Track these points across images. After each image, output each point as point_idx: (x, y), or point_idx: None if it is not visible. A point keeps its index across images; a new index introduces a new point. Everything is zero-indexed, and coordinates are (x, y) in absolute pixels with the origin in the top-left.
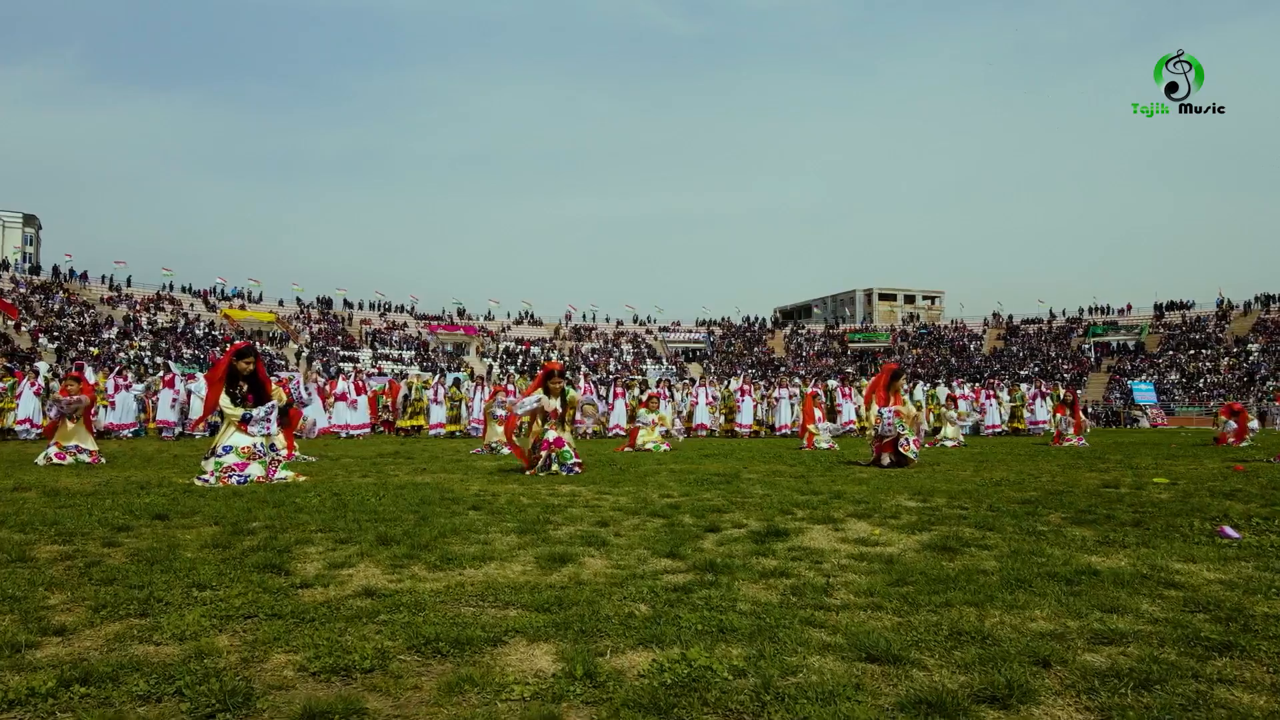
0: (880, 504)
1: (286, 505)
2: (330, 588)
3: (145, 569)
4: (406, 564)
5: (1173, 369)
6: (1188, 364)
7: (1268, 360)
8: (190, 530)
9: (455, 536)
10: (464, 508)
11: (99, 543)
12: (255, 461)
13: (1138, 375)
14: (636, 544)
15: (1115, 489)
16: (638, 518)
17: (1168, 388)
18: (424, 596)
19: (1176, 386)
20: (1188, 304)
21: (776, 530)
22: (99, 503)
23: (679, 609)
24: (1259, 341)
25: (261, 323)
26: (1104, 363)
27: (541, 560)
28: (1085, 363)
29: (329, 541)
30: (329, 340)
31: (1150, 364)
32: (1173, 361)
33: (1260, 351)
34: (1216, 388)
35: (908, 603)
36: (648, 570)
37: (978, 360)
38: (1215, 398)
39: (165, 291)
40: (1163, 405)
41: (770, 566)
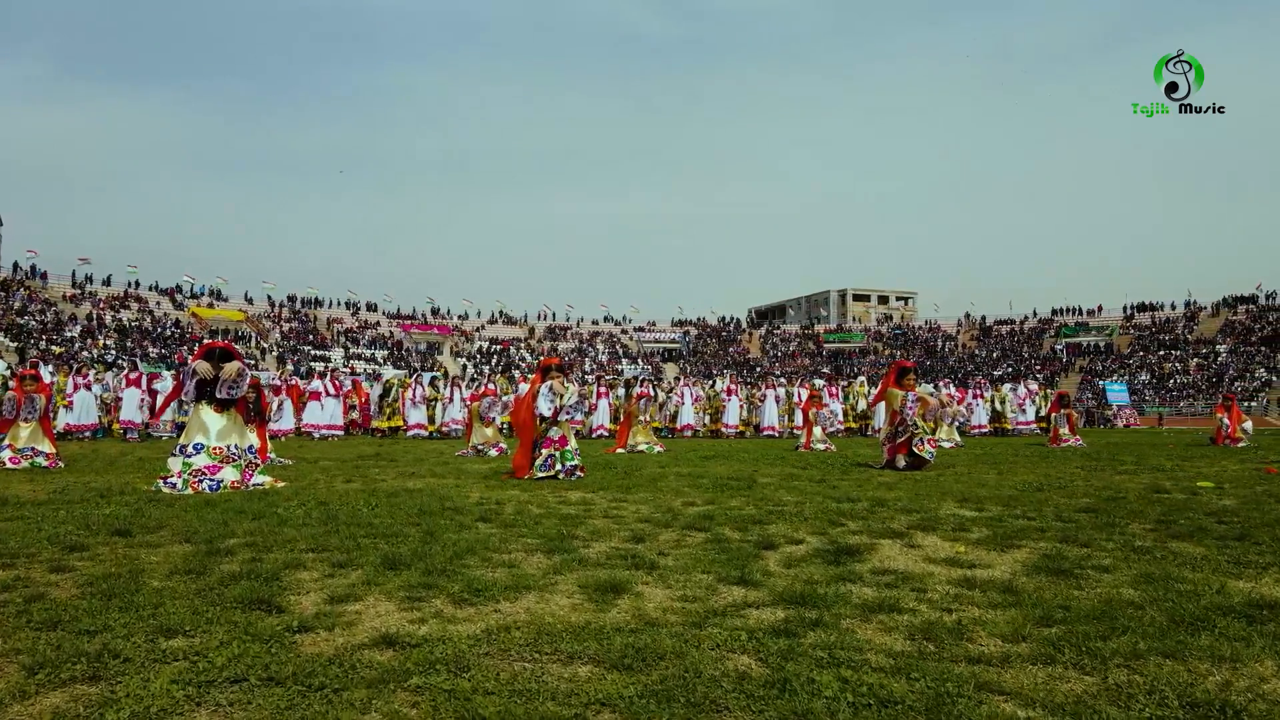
0: (933, 513)
1: (268, 517)
2: (337, 632)
3: (100, 605)
4: (425, 596)
5: (1143, 369)
6: (1158, 365)
7: (1235, 361)
8: (156, 550)
9: (472, 557)
10: (470, 519)
11: (45, 567)
12: (229, 465)
13: (1109, 376)
14: (690, 566)
15: (1167, 494)
16: (672, 531)
17: (1138, 388)
18: (461, 647)
19: (1147, 387)
20: (1157, 305)
21: (845, 548)
22: (51, 514)
23: (799, 663)
24: (1227, 343)
25: (231, 321)
26: (1076, 363)
27: (589, 590)
28: (1057, 363)
29: (324, 565)
30: (300, 339)
31: (1121, 364)
32: (1143, 362)
33: (1228, 352)
34: (1186, 388)
35: (1082, 651)
36: (723, 603)
37: (952, 361)
38: (1185, 398)
39: (131, 289)
40: (1134, 405)
41: (869, 598)
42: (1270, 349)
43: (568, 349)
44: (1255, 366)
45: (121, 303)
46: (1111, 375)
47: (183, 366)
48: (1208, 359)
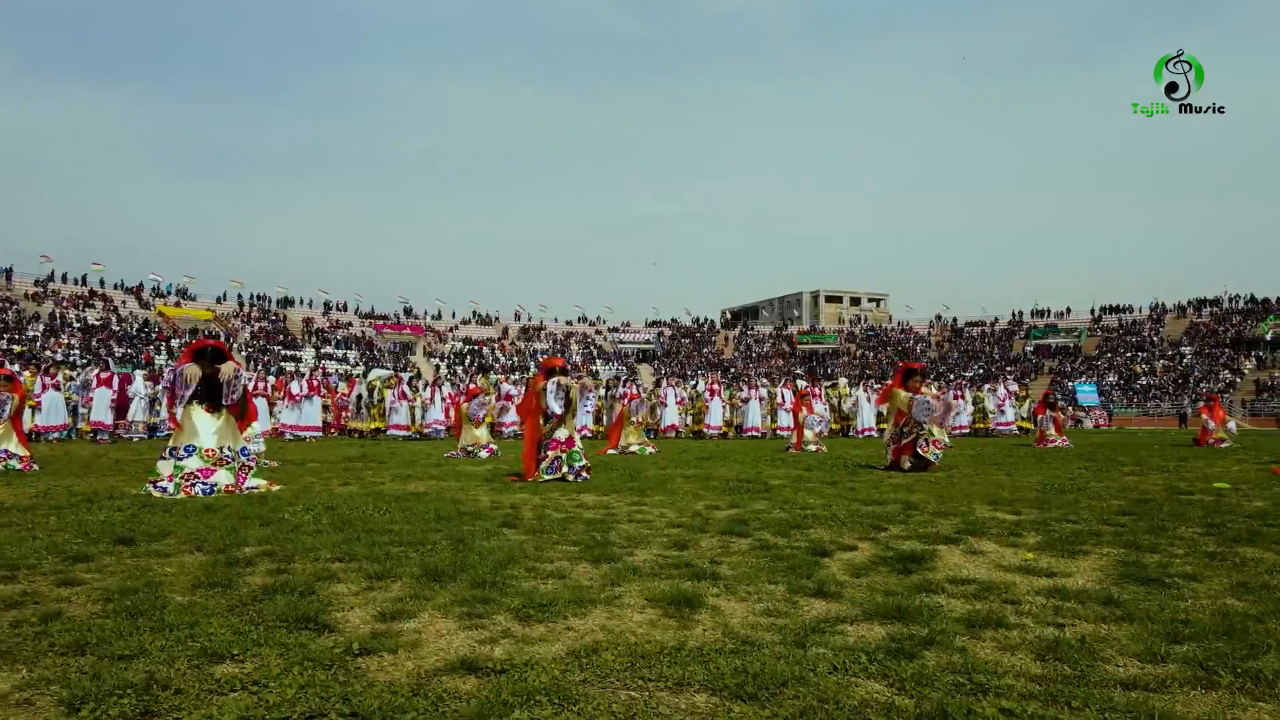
0: (969, 516)
1: (277, 524)
2: (402, 656)
3: (128, 625)
4: (484, 611)
5: (1111, 371)
6: (1125, 366)
7: (1200, 363)
8: (166, 560)
9: (515, 566)
10: (492, 524)
11: (51, 580)
12: (223, 468)
13: (1078, 377)
14: (752, 575)
15: (1190, 495)
16: (709, 536)
17: (1106, 389)
18: (553, 673)
19: (1115, 388)
20: (1124, 308)
21: (907, 555)
22: (42, 521)
23: (940, 691)
24: (1192, 345)
25: (199, 320)
26: (1045, 365)
27: (658, 603)
28: (1027, 365)
29: (358, 576)
30: (270, 339)
31: (1089, 366)
32: (1110, 364)
33: (1193, 354)
34: (1153, 389)
35: (1238, 673)
36: (810, 618)
37: (924, 362)
38: (1151, 399)
39: (96, 288)
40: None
41: (964, 611)
42: (1233, 351)
43: (542, 349)
44: (1219, 368)
45: (86, 301)
46: (1080, 377)
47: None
48: (1173, 361)
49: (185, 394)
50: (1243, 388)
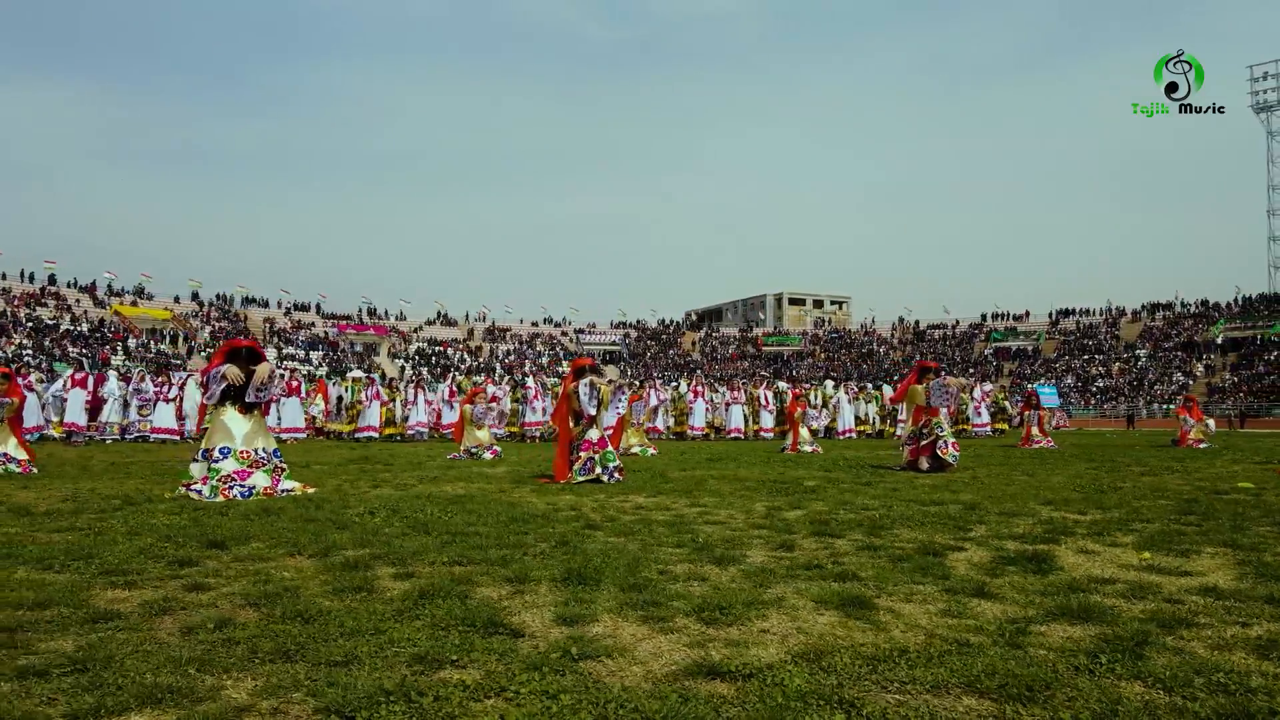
0: (1038, 516)
1: (353, 526)
2: (620, 660)
3: (312, 631)
4: (661, 614)
5: (1069, 373)
6: (1083, 368)
7: (1155, 365)
8: (270, 563)
9: (646, 568)
10: (575, 526)
11: (179, 585)
12: (259, 470)
13: (1037, 379)
14: (888, 576)
15: (1227, 494)
16: (804, 538)
17: (1064, 391)
18: (804, 677)
19: (1073, 390)
20: (1081, 311)
21: (1028, 556)
22: (99, 525)
23: (1197, 690)
24: (1147, 347)
25: (157, 320)
26: (1005, 367)
27: (828, 605)
28: (988, 367)
29: (496, 581)
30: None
31: (1048, 368)
32: (1069, 366)
33: (1148, 357)
34: (1109, 391)
35: None
36: (993, 617)
37: (887, 364)
38: (1109, 401)
39: (48, 285)
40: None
41: (1140, 610)
42: (1186, 354)
43: (507, 350)
44: (1173, 370)
45: (38, 300)
46: (1039, 379)
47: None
48: (1129, 363)
49: (216, 391)
50: (1195, 389)
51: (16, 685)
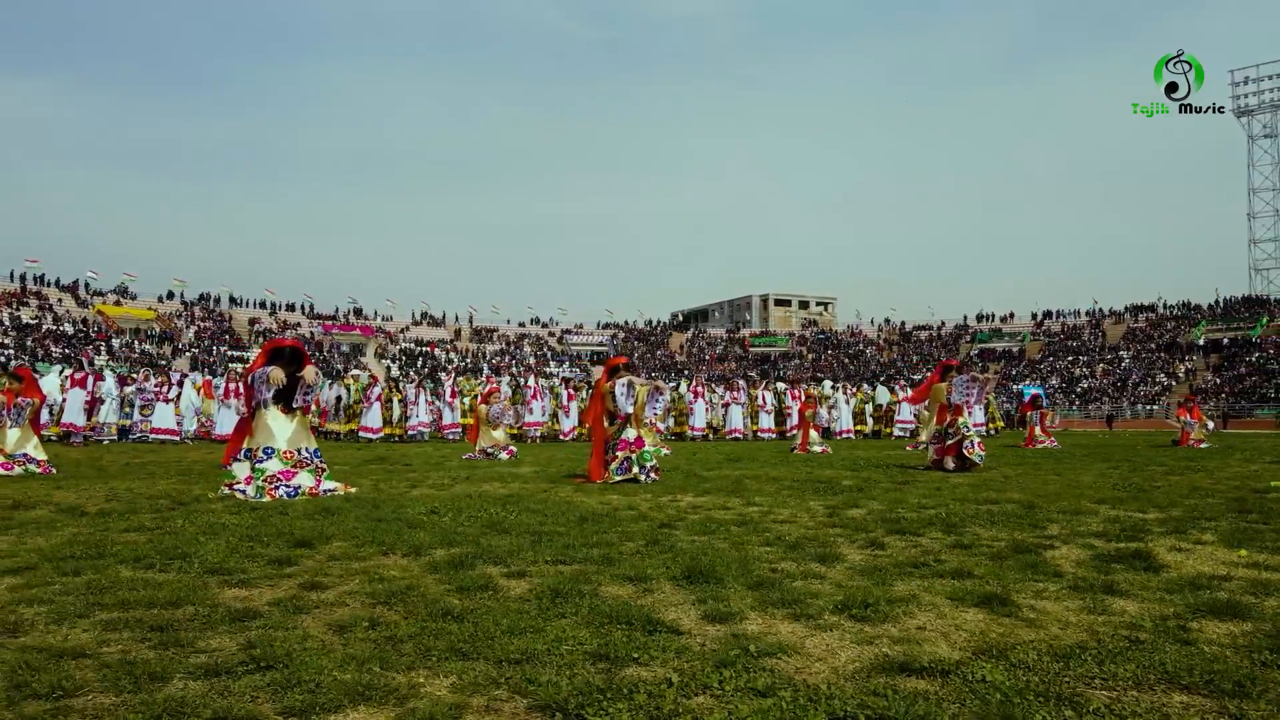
0: (1102, 514)
1: (428, 527)
2: (796, 657)
3: (472, 631)
4: (807, 612)
5: (1053, 374)
6: (1067, 369)
7: (1138, 366)
8: (367, 561)
9: (756, 566)
10: (648, 525)
11: (294, 584)
12: (304, 470)
13: (1022, 380)
14: (1003, 574)
15: (1265, 493)
16: (884, 536)
17: (1049, 392)
18: (1001, 673)
19: (1057, 391)
20: (1065, 313)
21: (1130, 554)
22: (171, 524)
23: None
24: (1130, 349)
25: (141, 320)
26: (990, 368)
27: (967, 602)
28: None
29: (614, 580)
30: (215, 339)
31: (1033, 369)
32: (1053, 367)
33: (1131, 358)
34: (1093, 392)
35: None
36: (1134, 614)
37: (874, 366)
38: (1092, 402)
39: (30, 285)
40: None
41: (1272, 607)
42: (1168, 355)
43: (495, 351)
44: (1156, 372)
45: (19, 299)
46: (1024, 380)
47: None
48: (1113, 364)
49: (266, 396)
50: (1177, 390)
51: (207, 684)
